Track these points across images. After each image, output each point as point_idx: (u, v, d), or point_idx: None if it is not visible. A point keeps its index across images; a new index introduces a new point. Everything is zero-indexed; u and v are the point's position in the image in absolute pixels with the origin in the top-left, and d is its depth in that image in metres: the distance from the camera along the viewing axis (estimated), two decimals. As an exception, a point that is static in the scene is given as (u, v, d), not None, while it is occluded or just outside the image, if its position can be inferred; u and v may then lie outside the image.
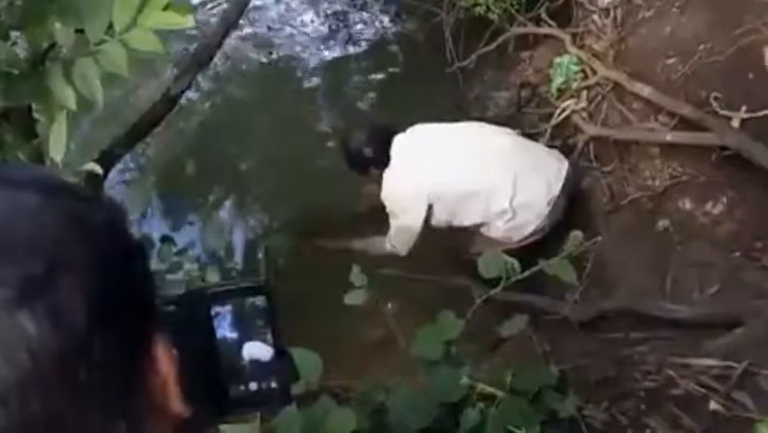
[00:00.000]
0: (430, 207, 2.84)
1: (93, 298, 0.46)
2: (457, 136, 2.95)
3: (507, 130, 3.10)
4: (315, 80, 4.22)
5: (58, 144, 1.47)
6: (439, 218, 2.88)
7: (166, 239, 2.53)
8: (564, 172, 2.91)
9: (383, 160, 2.90)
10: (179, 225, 3.54)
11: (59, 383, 0.44)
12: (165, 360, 0.54)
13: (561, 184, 2.87)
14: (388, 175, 2.90)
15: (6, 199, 0.48)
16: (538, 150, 3.02)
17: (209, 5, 4.66)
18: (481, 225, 2.89)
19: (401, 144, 2.91)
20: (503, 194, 2.79)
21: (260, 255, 3.34)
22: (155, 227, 3.47)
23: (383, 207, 2.95)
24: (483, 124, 3.12)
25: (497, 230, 2.85)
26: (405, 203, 2.85)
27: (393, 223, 2.92)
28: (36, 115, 1.91)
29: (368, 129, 3.03)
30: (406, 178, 2.85)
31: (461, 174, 2.82)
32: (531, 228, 2.83)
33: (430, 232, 2.92)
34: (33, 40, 1.68)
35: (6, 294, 0.43)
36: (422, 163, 2.85)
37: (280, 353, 0.72)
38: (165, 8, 1.41)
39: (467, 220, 2.89)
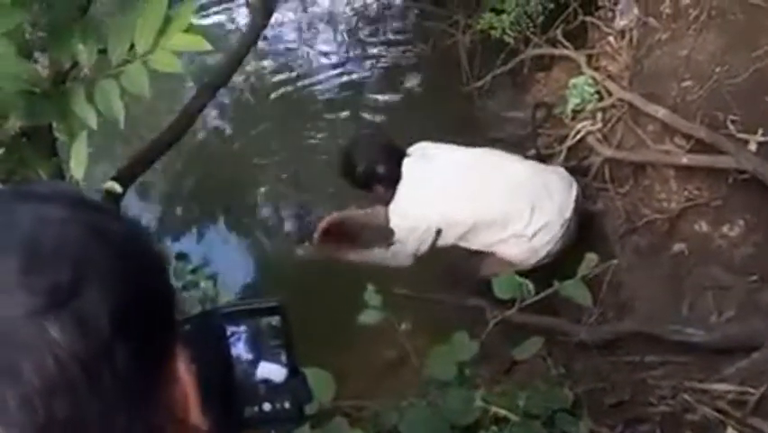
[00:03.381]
0: (438, 232, 2.79)
1: (116, 307, 0.48)
2: (470, 164, 2.88)
3: (517, 156, 3.05)
4: (332, 99, 4.25)
5: (78, 163, 1.49)
6: (446, 240, 2.84)
7: (181, 256, 2.54)
8: (574, 193, 2.89)
9: (392, 179, 2.83)
10: (195, 243, 3.56)
11: (83, 390, 0.46)
12: (185, 372, 0.55)
13: (572, 206, 2.85)
14: (397, 203, 2.82)
15: (33, 212, 0.50)
16: (548, 173, 2.98)
17: (228, 25, 4.72)
18: (493, 247, 2.87)
19: (412, 170, 2.82)
20: (519, 222, 2.76)
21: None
22: (170, 244, 3.49)
23: (385, 225, 2.90)
24: (493, 150, 3.04)
25: (512, 253, 2.82)
26: (413, 233, 2.79)
27: (397, 247, 2.86)
28: (56, 134, 1.94)
29: (377, 146, 2.92)
30: (417, 208, 2.79)
31: (476, 204, 2.78)
32: (545, 251, 2.81)
33: (441, 252, 2.90)
34: (56, 59, 1.72)
35: (34, 302, 0.45)
36: (433, 193, 2.79)
37: (294, 373, 0.72)
38: (186, 30, 1.43)
39: (476, 244, 2.86)
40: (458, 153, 2.91)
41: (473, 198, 2.79)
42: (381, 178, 2.85)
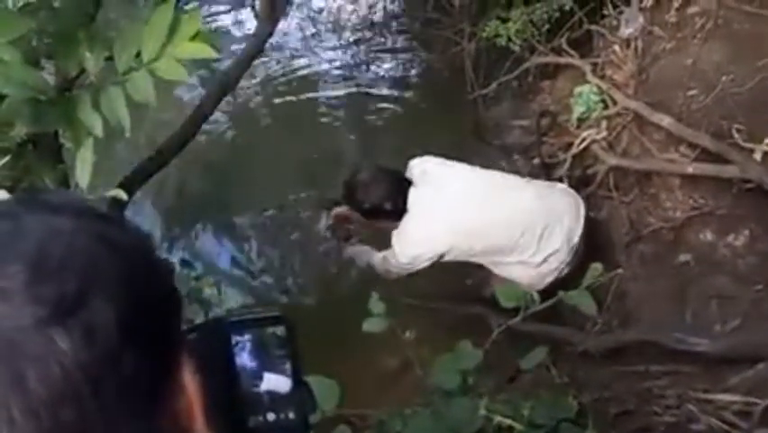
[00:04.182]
0: (441, 256, 2.72)
1: (123, 316, 0.48)
2: (477, 192, 2.77)
3: (523, 180, 2.95)
4: (338, 105, 4.26)
5: (84, 170, 1.50)
6: (451, 258, 2.77)
7: (185, 263, 2.55)
8: (582, 215, 2.82)
9: (398, 212, 2.73)
10: (199, 251, 3.56)
11: (89, 399, 0.46)
12: (191, 383, 0.55)
13: (580, 231, 2.78)
14: (402, 231, 2.75)
15: (42, 223, 0.50)
16: (556, 196, 2.88)
17: (235, 33, 4.74)
18: (497, 268, 2.81)
19: (417, 199, 2.73)
20: (527, 251, 2.71)
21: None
22: (175, 251, 3.50)
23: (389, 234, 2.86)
24: (500, 173, 2.95)
25: (518, 276, 2.74)
26: (417, 259, 2.73)
27: (395, 263, 2.78)
28: (62, 141, 1.94)
29: (385, 180, 2.77)
30: (422, 237, 2.71)
31: (483, 234, 2.71)
32: (553, 277, 2.74)
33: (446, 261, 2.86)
34: (63, 67, 1.72)
35: (41, 312, 0.46)
36: (440, 224, 2.70)
37: (299, 383, 0.72)
38: (193, 38, 1.44)
39: (481, 262, 2.83)
40: (464, 178, 2.80)
41: (480, 227, 2.71)
42: (387, 213, 2.77)
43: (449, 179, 2.78)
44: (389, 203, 2.74)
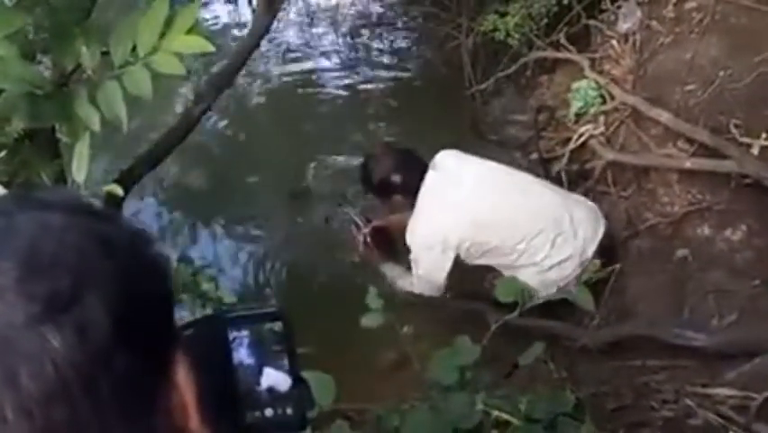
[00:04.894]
0: (457, 256, 2.72)
1: (117, 314, 0.48)
2: (496, 187, 2.78)
3: (545, 182, 2.96)
4: (335, 102, 4.26)
5: (80, 165, 1.49)
6: (464, 257, 2.78)
7: (183, 258, 2.54)
8: (600, 233, 2.80)
9: (409, 190, 2.75)
10: (196, 245, 3.56)
11: (82, 397, 0.46)
12: (185, 381, 0.55)
13: (594, 248, 2.76)
14: (414, 220, 2.76)
15: (33, 220, 0.50)
16: (578, 207, 2.86)
17: (232, 27, 4.73)
18: (504, 270, 2.79)
19: (433, 186, 2.74)
20: (539, 253, 2.70)
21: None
22: (172, 246, 3.49)
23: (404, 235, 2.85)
24: (520, 172, 2.95)
25: (528, 281, 2.74)
26: (429, 253, 2.73)
27: (415, 271, 2.80)
28: (59, 136, 1.94)
29: (396, 154, 2.85)
30: (435, 229, 2.71)
31: (498, 231, 2.71)
32: (558, 285, 2.70)
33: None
34: (59, 61, 1.72)
35: (33, 309, 0.45)
36: (454, 215, 2.70)
37: (297, 379, 0.72)
38: (188, 32, 1.43)
39: (493, 263, 2.81)
40: (483, 173, 2.81)
41: (496, 224, 2.71)
42: (398, 188, 2.79)
43: (470, 170, 2.81)
44: (399, 176, 2.78)
